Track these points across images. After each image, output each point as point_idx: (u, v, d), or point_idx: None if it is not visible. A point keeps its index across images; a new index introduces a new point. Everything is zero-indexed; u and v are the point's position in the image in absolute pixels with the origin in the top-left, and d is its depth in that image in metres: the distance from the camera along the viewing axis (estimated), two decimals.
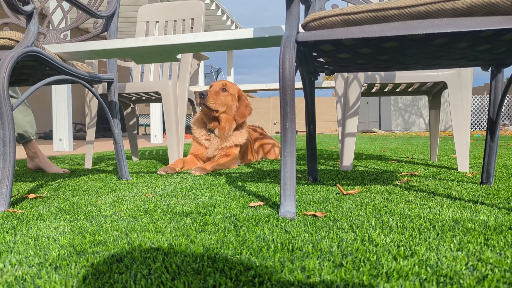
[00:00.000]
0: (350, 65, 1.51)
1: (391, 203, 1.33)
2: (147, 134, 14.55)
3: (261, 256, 0.82)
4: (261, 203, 1.35)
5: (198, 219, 1.15)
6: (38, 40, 2.13)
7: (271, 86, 3.63)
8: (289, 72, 1.16)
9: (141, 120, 15.25)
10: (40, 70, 1.78)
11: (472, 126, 15.28)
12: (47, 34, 2.26)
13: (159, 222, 1.13)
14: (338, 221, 1.09)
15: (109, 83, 2.13)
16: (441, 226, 1.03)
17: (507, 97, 15.55)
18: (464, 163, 2.24)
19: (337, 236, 0.95)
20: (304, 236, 0.95)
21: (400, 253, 0.82)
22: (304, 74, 1.62)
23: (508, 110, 15.60)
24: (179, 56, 2.76)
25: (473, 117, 15.35)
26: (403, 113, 16.26)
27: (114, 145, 2.13)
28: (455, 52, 1.29)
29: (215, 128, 2.67)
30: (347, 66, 1.55)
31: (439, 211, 1.20)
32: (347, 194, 1.49)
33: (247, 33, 1.45)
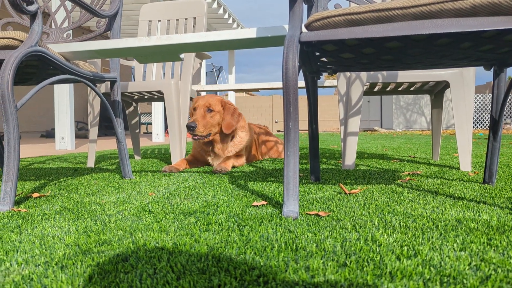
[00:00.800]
0: (353, 65, 1.51)
1: (394, 203, 1.33)
2: (149, 133, 14.58)
3: (265, 256, 0.82)
4: (264, 203, 1.35)
5: (202, 219, 1.16)
6: (42, 40, 2.14)
7: (273, 85, 3.63)
8: (293, 72, 1.16)
9: (143, 119, 15.27)
10: (44, 70, 1.79)
11: (474, 125, 15.25)
12: (50, 34, 2.26)
13: (163, 222, 1.14)
14: (341, 221, 1.10)
15: (112, 83, 2.14)
16: (444, 226, 1.03)
17: (510, 96, 15.52)
18: (467, 162, 2.24)
19: (341, 236, 0.95)
20: (308, 236, 0.95)
21: (404, 253, 0.82)
22: (307, 74, 1.63)
23: (510, 109, 15.57)
24: (182, 56, 2.77)
25: (475, 116, 15.33)
26: (405, 112, 16.24)
27: (117, 144, 2.13)
28: (458, 52, 1.29)
29: (213, 150, 2.67)
30: (350, 66, 1.55)
31: (442, 211, 1.20)
32: (350, 194, 1.50)
33: (250, 33, 1.46)
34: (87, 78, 1.93)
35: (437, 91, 2.67)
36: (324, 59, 1.46)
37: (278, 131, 17.20)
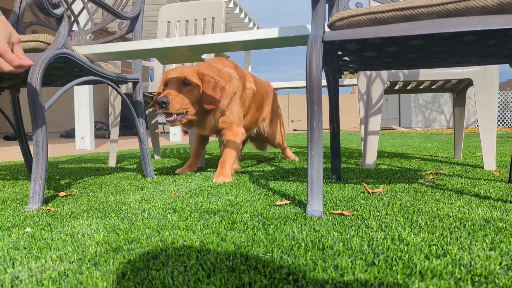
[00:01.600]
0: (376, 64, 1.51)
1: (418, 202, 1.32)
2: (166, 132, 14.70)
3: (293, 255, 0.83)
4: (287, 202, 1.36)
5: (226, 217, 1.17)
6: (66, 42, 2.18)
7: (291, 84, 3.63)
8: (316, 72, 1.17)
9: (159, 119, 15.40)
10: (69, 71, 1.83)
11: (496, 123, 14.94)
12: (74, 36, 2.31)
13: (189, 220, 1.15)
14: (366, 220, 1.09)
15: (134, 83, 2.17)
16: (472, 226, 1.02)
17: None
18: (491, 161, 2.21)
19: (367, 235, 0.95)
20: (334, 235, 0.96)
21: (432, 252, 0.82)
22: (328, 73, 1.63)
23: None
24: (204, 56, 2.79)
25: (497, 114, 15.03)
26: (424, 110, 16.01)
27: (140, 144, 2.17)
28: (484, 50, 1.27)
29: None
30: (373, 65, 1.55)
31: (468, 210, 1.19)
32: (373, 193, 1.49)
33: (272, 33, 1.46)
34: (111, 79, 1.96)
35: (460, 89, 2.63)
36: (346, 58, 1.46)
37: (295, 130, 17.15)
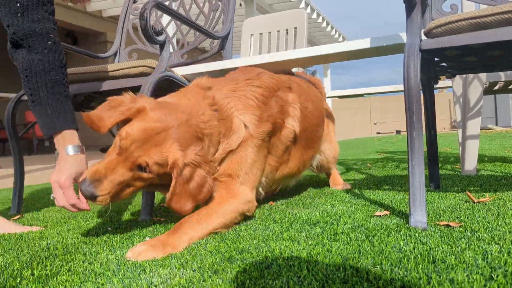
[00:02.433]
0: (476, 68, 1.44)
1: None
2: None
3: (403, 267, 0.83)
4: (387, 212, 1.35)
5: (327, 228, 1.19)
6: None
7: (378, 90, 3.55)
8: (414, 82, 1.15)
9: None
10: (169, 91, 1.98)
11: None
12: (170, 56, 2.50)
13: (291, 231, 1.20)
14: (476, 232, 1.05)
15: None
16: None
17: None
18: None
19: (479, 248, 0.92)
20: (443, 248, 0.94)
21: None
22: (423, 79, 1.59)
23: None
24: (294, 70, 2.86)
25: None
26: None
27: None
28: None
29: None
30: (472, 69, 1.48)
31: None
32: (479, 202, 1.42)
33: (364, 43, 1.47)
34: None
35: None
36: (444, 64, 1.41)
37: (378, 133, 16.57)
